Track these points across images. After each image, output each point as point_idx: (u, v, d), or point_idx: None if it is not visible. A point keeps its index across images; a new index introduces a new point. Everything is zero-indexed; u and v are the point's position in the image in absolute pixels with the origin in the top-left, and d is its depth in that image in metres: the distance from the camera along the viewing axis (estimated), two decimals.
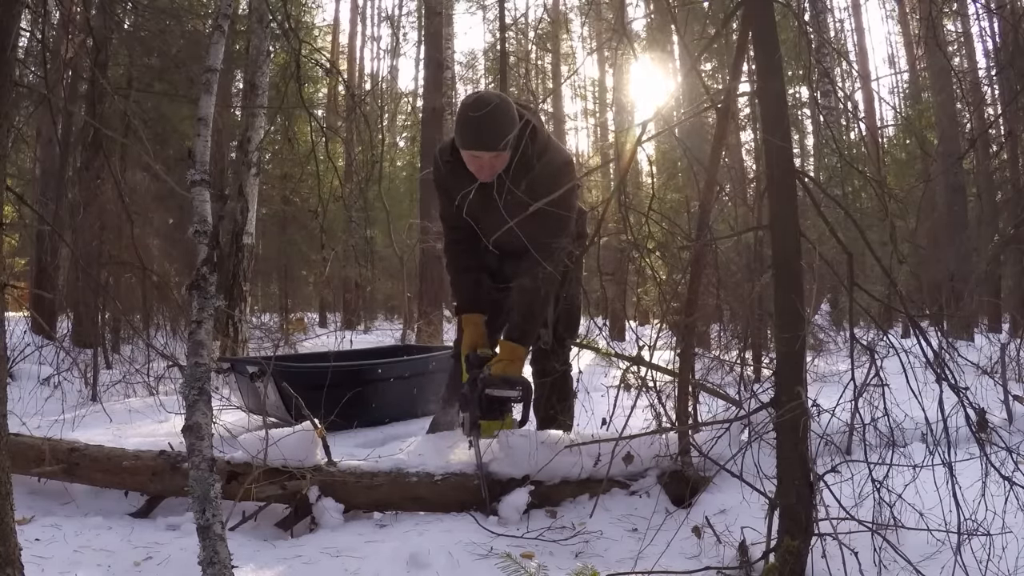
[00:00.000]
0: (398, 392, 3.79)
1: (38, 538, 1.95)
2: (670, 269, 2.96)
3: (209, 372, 1.65)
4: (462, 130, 2.39)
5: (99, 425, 3.52)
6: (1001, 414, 3.02)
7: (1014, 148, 9.89)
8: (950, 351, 1.92)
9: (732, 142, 8.80)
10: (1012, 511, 1.64)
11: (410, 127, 17.78)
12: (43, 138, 7.74)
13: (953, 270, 8.17)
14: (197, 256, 1.77)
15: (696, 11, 4.72)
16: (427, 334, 7.83)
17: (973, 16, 9.87)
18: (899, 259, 2.04)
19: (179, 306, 5.66)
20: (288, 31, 3.57)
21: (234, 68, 9.18)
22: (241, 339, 6.41)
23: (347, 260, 11.63)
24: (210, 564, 1.42)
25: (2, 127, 1.51)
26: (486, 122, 2.32)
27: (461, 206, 2.38)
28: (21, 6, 1.60)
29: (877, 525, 1.70)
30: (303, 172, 10.98)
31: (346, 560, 1.85)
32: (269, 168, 11.11)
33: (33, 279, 7.79)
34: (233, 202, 6.44)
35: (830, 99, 9.23)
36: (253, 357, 4.62)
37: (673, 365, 2.25)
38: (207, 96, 2.07)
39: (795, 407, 1.59)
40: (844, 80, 15.24)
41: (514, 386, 2.39)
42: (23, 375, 4.63)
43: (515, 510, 2.16)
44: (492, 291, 2.77)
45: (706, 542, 1.92)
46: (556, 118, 17.25)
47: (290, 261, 12.20)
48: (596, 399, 2.59)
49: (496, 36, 13.36)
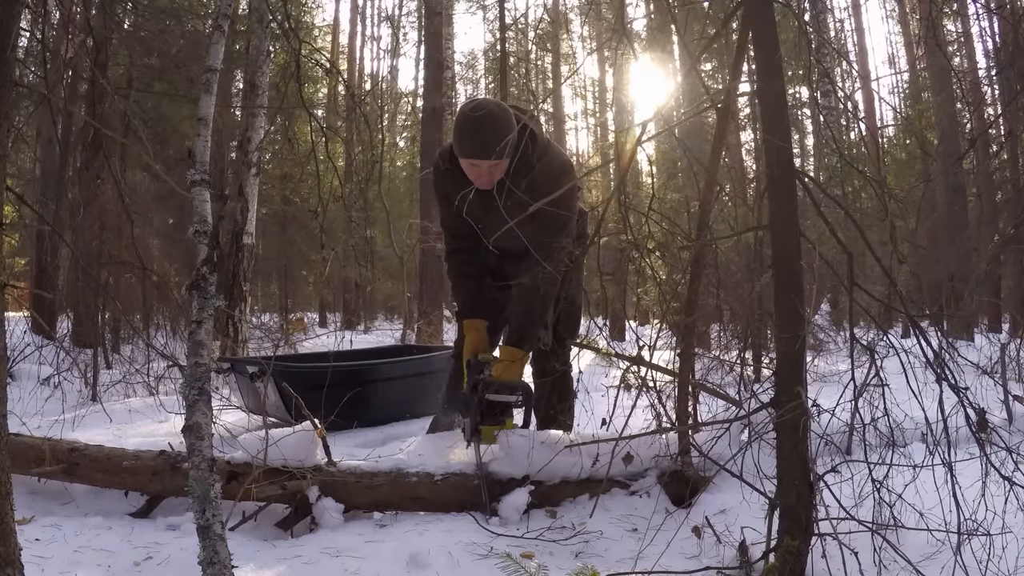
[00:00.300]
0: (398, 392, 3.79)
1: (38, 538, 1.95)
2: (670, 269, 2.97)
3: (209, 372, 1.65)
4: (460, 138, 2.40)
5: (99, 425, 3.52)
6: (1001, 414, 3.02)
7: (1014, 148, 9.89)
8: (950, 351, 1.92)
9: (732, 142, 8.80)
10: (1012, 511, 1.64)
11: (410, 127, 17.78)
12: (43, 138, 7.74)
13: (953, 270, 8.17)
14: (197, 256, 1.77)
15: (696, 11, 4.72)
16: (427, 334, 7.83)
17: (973, 16, 9.88)
18: (899, 259, 2.04)
19: (179, 306, 5.67)
20: (288, 31, 3.57)
21: (234, 68, 9.19)
22: (241, 339, 6.41)
23: (347, 260, 11.64)
24: (210, 564, 1.42)
25: (2, 127, 1.51)
26: (484, 130, 2.32)
27: (462, 212, 2.38)
28: (21, 6, 1.60)
29: (877, 525, 1.70)
30: (303, 172, 10.99)
31: (346, 560, 1.85)
32: (269, 168, 11.12)
33: (33, 279, 7.80)
34: (233, 202, 6.44)
35: (830, 99, 9.23)
36: (253, 357, 4.62)
37: (673, 365, 2.25)
38: (207, 96, 2.07)
39: (795, 407, 1.59)
40: (844, 80, 15.25)
41: (514, 391, 2.40)
42: (23, 375, 4.63)
43: (515, 510, 2.16)
44: (492, 290, 2.77)
45: (706, 542, 1.92)
46: (556, 118, 17.26)
47: (290, 261, 12.21)
48: (596, 399, 2.59)
49: (496, 36, 13.37)
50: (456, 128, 2.42)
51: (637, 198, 6.91)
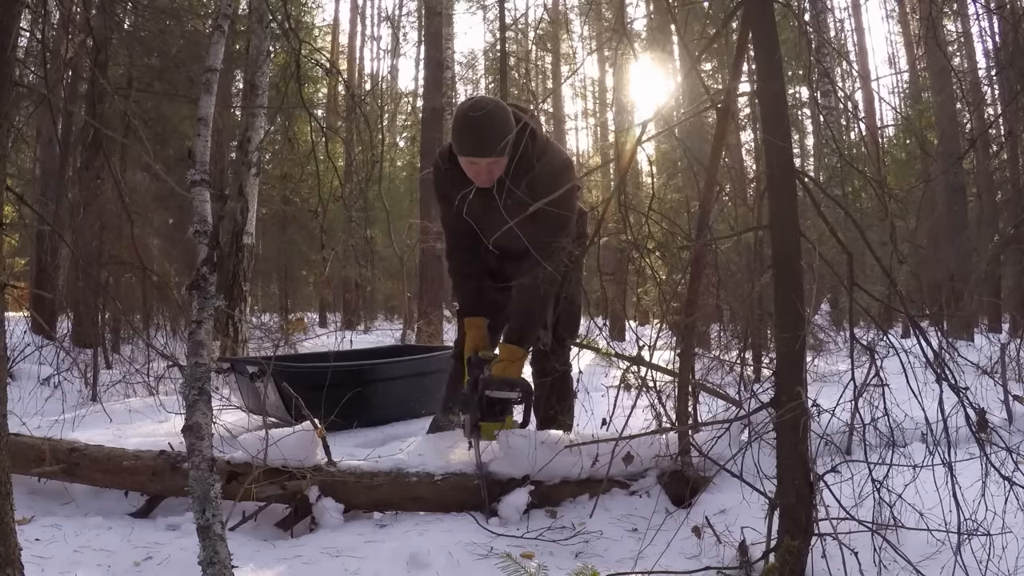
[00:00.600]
0: (398, 392, 3.79)
1: (38, 538, 1.95)
2: (670, 269, 2.97)
3: (209, 372, 1.65)
4: (459, 136, 2.40)
5: (99, 425, 3.52)
6: (1001, 414, 3.01)
7: (1014, 148, 9.89)
8: (950, 351, 1.92)
9: (732, 142, 8.79)
10: (1012, 511, 1.64)
11: (410, 127, 17.78)
12: (43, 138, 7.74)
13: (953, 270, 8.16)
14: (197, 256, 1.77)
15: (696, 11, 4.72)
16: (427, 334, 7.83)
17: (973, 16, 9.88)
18: (899, 259, 2.04)
19: (179, 306, 5.67)
20: (288, 31, 3.57)
21: (234, 68, 9.19)
22: (241, 339, 6.41)
23: (347, 260, 11.64)
24: (210, 564, 1.42)
25: (2, 127, 1.51)
26: (483, 128, 2.33)
27: (462, 212, 2.38)
28: (21, 6, 1.60)
29: (877, 525, 1.70)
30: (303, 172, 10.99)
31: (346, 560, 1.85)
32: (269, 168, 11.12)
33: (33, 279, 7.80)
34: (233, 202, 6.44)
35: (830, 99, 9.22)
36: (253, 357, 4.62)
37: (673, 365, 2.25)
38: (207, 96, 2.07)
39: (795, 407, 1.59)
40: (844, 80, 15.24)
41: (514, 387, 2.40)
42: (23, 375, 4.63)
43: (515, 510, 2.16)
44: (492, 291, 2.78)
45: (706, 542, 1.92)
46: (556, 118, 17.27)
47: (290, 261, 12.21)
48: (596, 399, 2.59)
49: (496, 36, 13.38)
50: (454, 126, 2.42)
51: (637, 198, 6.91)
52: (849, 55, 18.10)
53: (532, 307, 2.46)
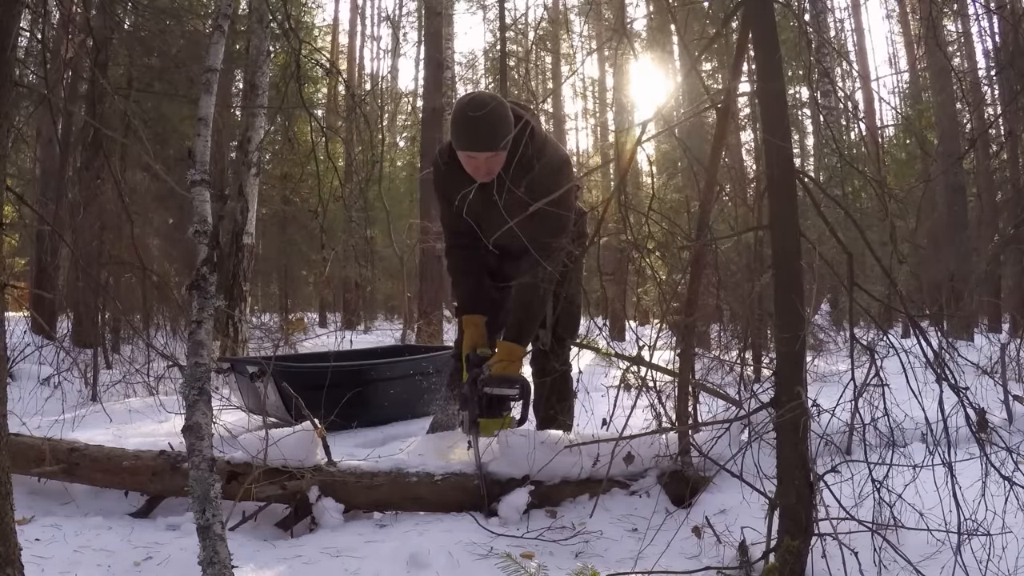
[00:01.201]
0: (398, 392, 3.79)
1: (38, 538, 1.95)
2: (670, 269, 2.97)
3: (209, 372, 1.65)
4: (458, 131, 2.40)
5: (99, 425, 3.52)
6: (1001, 414, 3.01)
7: (1014, 148, 9.90)
8: (950, 351, 1.92)
9: (732, 142, 8.80)
10: (1012, 511, 1.64)
11: (410, 127, 17.79)
12: (43, 138, 7.74)
13: (953, 270, 8.17)
14: (197, 256, 1.77)
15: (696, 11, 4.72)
16: (427, 334, 7.83)
17: (973, 16, 9.88)
18: (899, 259, 2.04)
19: (179, 306, 5.66)
20: (288, 31, 3.57)
21: (234, 68, 9.19)
22: (241, 339, 6.41)
23: (347, 260, 11.65)
24: (210, 564, 1.42)
25: (2, 127, 1.51)
26: (481, 122, 2.33)
27: (461, 209, 2.38)
28: (21, 6, 1.60)
29: (877, 525, 1.70)
30: (303, 172, 11.00)
31: (346, 560, 1.85)
32: (269, 168, 11.12)
33: (33, 279, 7.80)
34: (233, 202, 6.44)
35: (830, 99, 9.23)
36: (253, 357, 4.62)
37: (673, 365, 2.25)
38: (207, 96, 2.07)
39: (795, 407, 1.59)
40: (844, 80, 15.25)
41: (513, 384, 2.40)
42: (23, 375, 4.63)
43: (515, 510, 2.16)
44: (492, 290, 2.77)
45: (706, 542, 1.92)
46: (556, 118, 17.26)
47: (290, 261, 12.22)
48: (596, 399, 2.59)
49: (496, 36, 13.36)
50: (453, 121, 2.43)
51: (637, 198, 6.91)
52: (849, 55, 18.11)
53: (531, 306, 2.46)
